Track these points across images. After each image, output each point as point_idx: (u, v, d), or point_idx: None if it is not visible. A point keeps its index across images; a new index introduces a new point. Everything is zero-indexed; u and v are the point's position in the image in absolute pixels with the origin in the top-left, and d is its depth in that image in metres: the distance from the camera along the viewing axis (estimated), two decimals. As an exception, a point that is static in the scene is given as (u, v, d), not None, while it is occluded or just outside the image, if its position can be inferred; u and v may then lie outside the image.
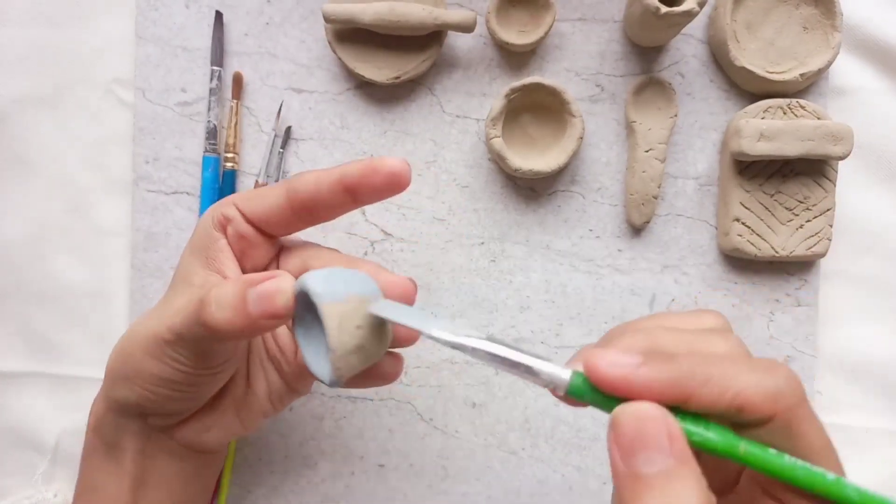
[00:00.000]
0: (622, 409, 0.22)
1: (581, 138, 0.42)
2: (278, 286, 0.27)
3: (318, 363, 0.28)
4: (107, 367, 0.33)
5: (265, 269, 0.34)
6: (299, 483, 0.45)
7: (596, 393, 0.23)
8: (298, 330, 0.29)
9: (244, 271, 0.33)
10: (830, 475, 0.22)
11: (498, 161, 0.43)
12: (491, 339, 0.24)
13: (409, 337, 0.32)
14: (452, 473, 0.45)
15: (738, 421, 0.22)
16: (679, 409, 0.22)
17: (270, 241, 0.33)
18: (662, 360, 0.22)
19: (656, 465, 0.21)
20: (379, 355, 0.28)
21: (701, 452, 0.22)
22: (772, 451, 0.22)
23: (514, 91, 0.41)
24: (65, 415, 0.45)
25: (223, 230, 0.32)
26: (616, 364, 0.22)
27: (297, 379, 0.34)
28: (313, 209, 0.31)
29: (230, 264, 0.32)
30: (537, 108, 0.43)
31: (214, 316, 0.27)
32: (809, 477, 0.22)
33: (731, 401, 0.22)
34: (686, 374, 0.22)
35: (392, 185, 0.30)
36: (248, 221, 0.32)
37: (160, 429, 0.33)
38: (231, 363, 0.32)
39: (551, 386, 0.23)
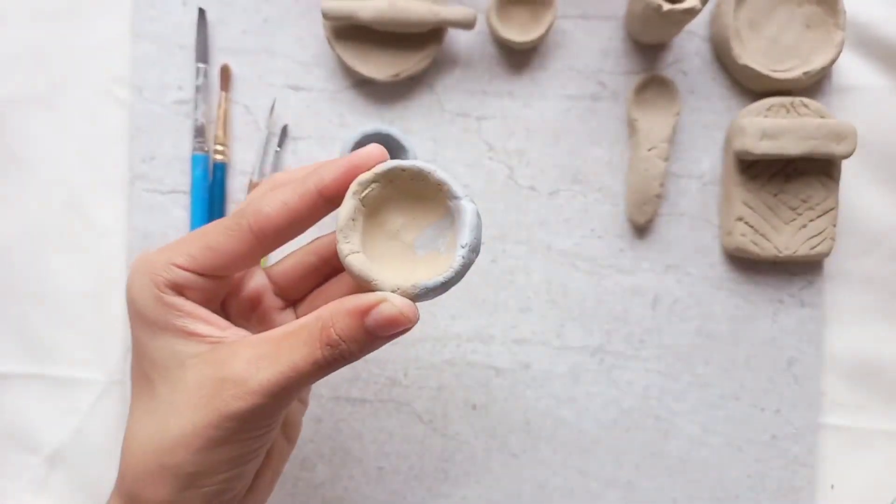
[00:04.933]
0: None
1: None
2: (399, 308, 0.25)
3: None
4: (121, 471, 0.28)
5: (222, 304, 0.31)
6: (297, 486, 0.44)
7: None
8: None
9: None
10: None
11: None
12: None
13: None
14: (452, 476, 0.44)
15: None
16: None
17: (225, 280, 0.30)
18: None
19: None
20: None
21: None
22: None
23: None
24: (60, 417, 0.45)
25: (179, 292, 0.28)
26: None
27: (293, 421, 0.33)
28: (285, 233, 0.28)
29: (218, 321, 0.28)
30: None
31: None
32: None
33: None
34: None
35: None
36: (202, 274, 0.28)
37: None
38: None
39: None
